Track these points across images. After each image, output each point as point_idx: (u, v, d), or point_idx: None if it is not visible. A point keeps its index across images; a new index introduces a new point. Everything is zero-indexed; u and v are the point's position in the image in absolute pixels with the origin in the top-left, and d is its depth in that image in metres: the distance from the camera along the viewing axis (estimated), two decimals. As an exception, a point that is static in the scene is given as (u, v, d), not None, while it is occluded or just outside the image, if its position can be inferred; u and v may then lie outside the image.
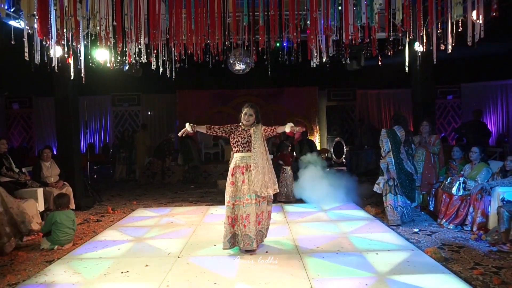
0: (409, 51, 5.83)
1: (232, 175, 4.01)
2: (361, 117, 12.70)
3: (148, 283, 3.27)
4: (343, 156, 11.32)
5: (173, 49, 4.70)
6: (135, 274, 3.45)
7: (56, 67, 5.17)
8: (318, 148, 11.79)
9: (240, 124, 4.14)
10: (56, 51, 5.37)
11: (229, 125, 4.16)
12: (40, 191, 5.66)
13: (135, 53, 4.51)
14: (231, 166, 4.08)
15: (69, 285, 3.25)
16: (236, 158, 4.04)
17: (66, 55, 5.35)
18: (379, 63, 5.26)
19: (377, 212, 5.74)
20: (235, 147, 4.07)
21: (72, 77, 5.59)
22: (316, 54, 5.52)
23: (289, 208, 6.14)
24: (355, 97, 13.37)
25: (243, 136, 4.03)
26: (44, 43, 4.54)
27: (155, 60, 5.07)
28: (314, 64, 5.75)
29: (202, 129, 4.14)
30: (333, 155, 11.68)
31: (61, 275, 3.48)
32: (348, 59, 6.11)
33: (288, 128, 3.91)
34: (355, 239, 4.37)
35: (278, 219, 5.35)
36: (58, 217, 4.36)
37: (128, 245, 4.31)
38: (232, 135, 4.08)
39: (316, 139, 12.65)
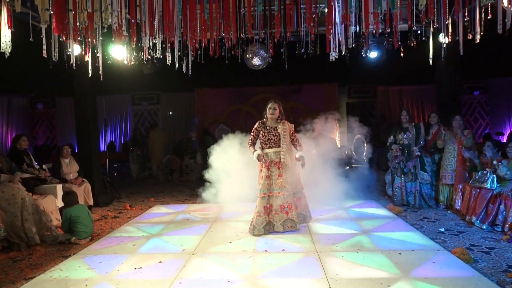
0: (433, 43, 5.54)
1: (268, 169, 4.40)
2: (382, 114, 12.35)
3: (161, 279, 3.19)
4: (364, 154, 11.04)
5: (187, 43, 4.61)
6: (148, 271, 3.39)
7: (74, 65, 5.23)
8: (338, 145, 11.54)
9: (265, 120, 4.53)
10: (74, 49, 5.44)
11: (254, 129, 4.55)
12: (59, 187, 5.72)
13: (149, 48, 4.45)
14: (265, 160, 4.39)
15: (82, 281, 3.21)
16: (270, 153, 4.43)
17: (83, 52, 5.39)
18: (401, 54, 5.02)
19: (399, 210, 5.51)
20: (267, 144, 4.46)
21: (90, 75, 5.64)
22: (334, 46, 5.34)
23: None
24: (376, 93, 13.01)
25: (274, 134, 4.44)
26: (60, 39, 4.57)
27: (170, 55, 5.01)
28: (333, 58, 5.56)
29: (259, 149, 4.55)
30: (354, 152, 11.41)
31: (75, 270, 3.46)
32: (369, 51, 5.86)
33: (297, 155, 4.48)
34: (376, 238, 4.16)
35: (296, 217, 5.19)
36: (72, 212, 4.40)
37: (143, 241, 4.27)
38: (263, 133, 4.48)
39: (336, 136, 12.39)
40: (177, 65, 5.37)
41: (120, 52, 6.11)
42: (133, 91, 13.12)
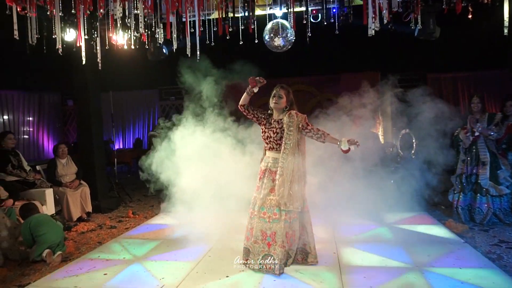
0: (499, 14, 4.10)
1: (260, 178, 3.30)
2: (434, 106, 10.73)
3: None
4: (413, 152, 9.54)
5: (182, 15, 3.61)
6: (101, 322, 2.44)
7: (61, 50, 4.48)
8: (382, 142, 10.16)
9: (270, 111, 3.42)
10: (67, 34, 4.74)
11: (265, 112, 3.43)
12: (49, 192, 5.01)
13: (123, 17, 3.47)
14: (262, 166, 3.34)
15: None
16: (269, 158, 3.30)
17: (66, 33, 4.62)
18: (470, 16, 3.66)
19: (462, 229, 4.17)
20: (267, 143, 3.33)
21: (83, 62, 4.86)
22: (374, 15, 4.14)
23: (338, 219, 4.70)
24: (426, 82, 11.36)
25: (275, 130, 3.24)
26: (28, 14, 3.75)
27: (163, 32, 4.05)
28: (372, 32, 4.37)
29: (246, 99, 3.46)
30: (400, 150, 9.95)
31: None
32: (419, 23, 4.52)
33: (344, 145, 3.06)
34: (438, 279, 2.88)
35: (321, 236, 3.99)
36: (31, 219, 3.71)
37: (119, 268, 3.32)
38: (263, 128, 3.35)
39: (379, 131, 10.96)
40: (175, 45, 4.41)
41: (119, 36, 5.27)
42: (161, 86, 12.59)
